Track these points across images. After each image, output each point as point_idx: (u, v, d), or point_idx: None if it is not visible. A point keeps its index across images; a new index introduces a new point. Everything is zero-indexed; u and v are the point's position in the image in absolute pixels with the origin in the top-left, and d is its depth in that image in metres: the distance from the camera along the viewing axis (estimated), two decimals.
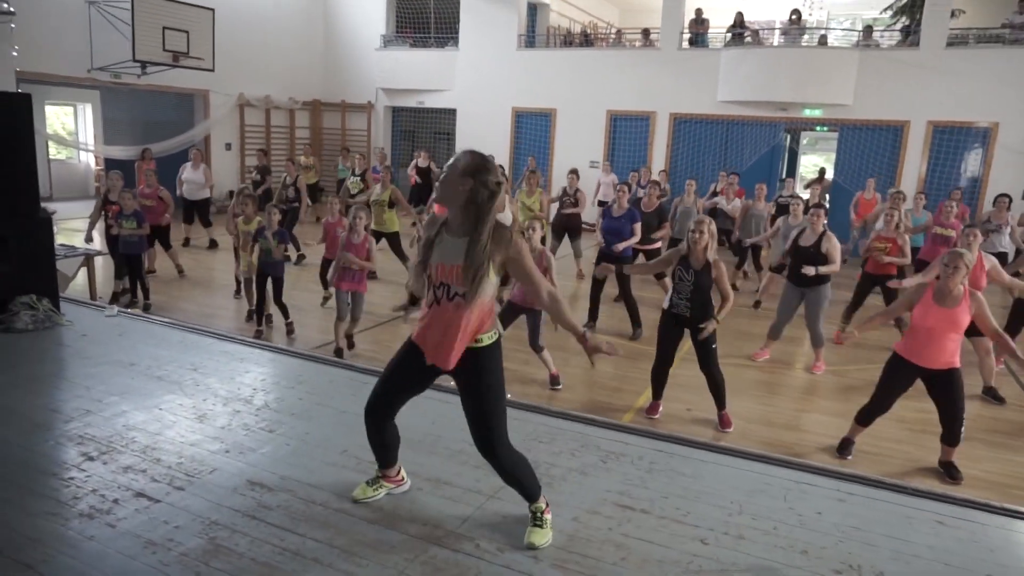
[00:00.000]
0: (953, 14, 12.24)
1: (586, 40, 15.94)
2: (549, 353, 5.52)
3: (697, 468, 3.38)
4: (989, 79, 11.50)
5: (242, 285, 7.08)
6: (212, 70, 12.79)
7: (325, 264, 7.42)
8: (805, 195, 11.68)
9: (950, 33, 12.04)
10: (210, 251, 10.42)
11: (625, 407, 5.25)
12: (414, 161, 13.58)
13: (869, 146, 12.55)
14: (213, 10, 12.44)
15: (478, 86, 15.20)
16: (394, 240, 8.53)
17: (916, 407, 4.93)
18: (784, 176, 14.82)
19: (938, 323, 4.10)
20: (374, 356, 5.91)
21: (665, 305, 4.93)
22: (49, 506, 2.84)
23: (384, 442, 2.89)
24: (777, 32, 14.95)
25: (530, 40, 15.32)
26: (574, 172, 9.48)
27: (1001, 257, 7.63)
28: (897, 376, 4.33)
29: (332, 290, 7.39)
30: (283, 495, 3.00)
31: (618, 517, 2.93)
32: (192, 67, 12.37)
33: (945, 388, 4.19)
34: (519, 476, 2.71)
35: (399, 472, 3.06)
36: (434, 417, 3.80)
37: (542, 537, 2.72)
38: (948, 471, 4.34)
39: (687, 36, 13.86)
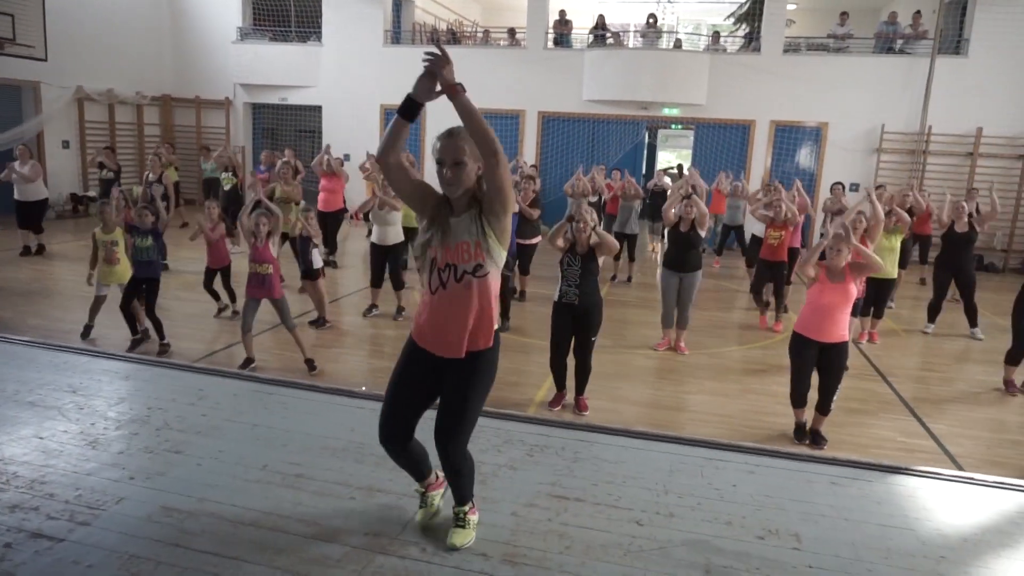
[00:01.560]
0: (788, 23, 13.47)
1: (453, 38, 15.96)
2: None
3: (618, 454, 3.53)
4: (819, 83, 12.79)
5: (93, 298, 6.26)
6: (44, 59, 11.57)
7: (209, 274, 6.96)
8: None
9: (785, 41, 13.25)
10: (45, 259, 9.38)
11: (527, 401, 5.36)
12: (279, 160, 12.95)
13: (721, 143, 13.54)
14: None
15: (344, 82, 14.79)
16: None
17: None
18: (657, 170, 15.74)
19: (832, 298, 4.54)
20: (265, 365, 5.64)
21: (555, 297, 5.09)
22: None
23: (413, 460, 2.75)
24: (632, 34, 15.75)
25: (396, 36, 15.11)
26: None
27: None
28: (803, 354, 4.68)
29: (230, 302, 7.01)
30: (205, 519, 2.80)
31: (555, 508, 3.01)
32: (19, 55, 11.10)
33: (835, 361, 4.61)
34: (465, 474, 2.67)
35: (435, 474, 2.90)
36: (352, 424, 3.70)
37: (464, 537, 2.70)
38: (815, 438, 4.78)
39: (552, 36, 14.26)
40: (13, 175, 9.04)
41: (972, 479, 3.46)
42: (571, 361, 5.15)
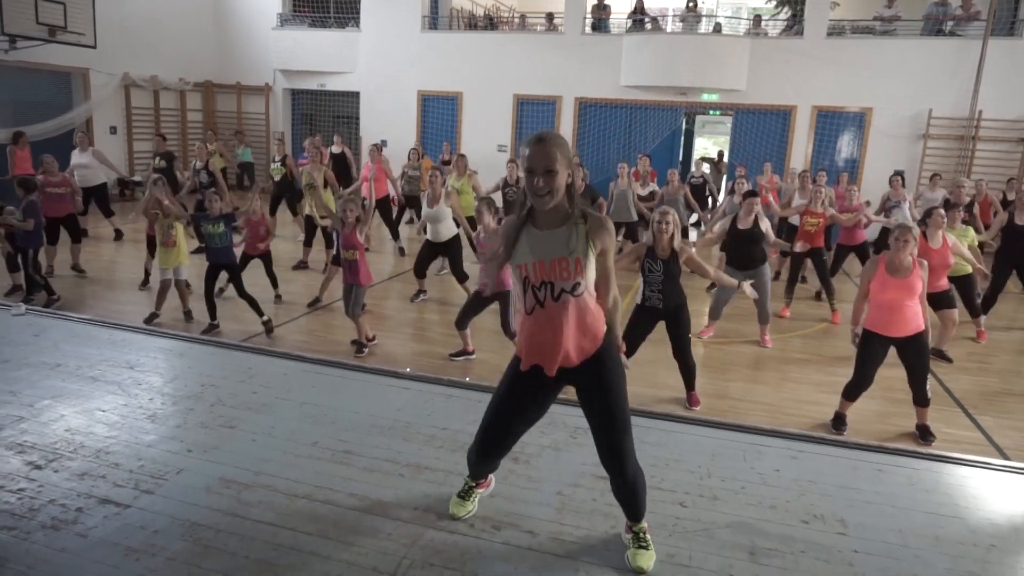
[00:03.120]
0: (832, 5, 13.16)
1: (490, 23, 15.94)
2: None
3: (661, 438, 3.55)
4: (864, 67, 12.49)
5: (159, 283, 6.48)
6: (94, 47, 11.85)
7: (244, 259, 7.10)
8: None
9: (829, 24, 12.95)
10: (117, 243, 9.70)
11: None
12: (328, 148, 13.09)
13: (761, 129, 13.33)
14: None
15: (382, 68, 14.89)
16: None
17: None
18: (695, 159, 15.49)
19: (897, 294, 4.43)
20: (307, 345, 5.77)
21: (638, 300, 5.03)
22: (3, 520, 2.62)
23: (492, 467, 2.79)
24: (670, 18, 15.52)
25: (433, 22, 15.14)
26: (514, 161, 9.50)
27: None
28: (871, 350, 4.58)
29: (272, 287, 7.15)
30: (261, 491, 2.91)
31: (599, 488, 3.04)
32: (71, 43, 11.41)
33: (916, 352, 4.51)
34: (640, 488, 2.51)
35: (489, 477, 2.89)
36: (399, 404, 3.78)
37: (649, 559, 2.52)
38: (923, 434, 4.65)
39: (590, 21, 14.15)
40: (74, 174, 9.24)
41: (1023, 469, 3.41)
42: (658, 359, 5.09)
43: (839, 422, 4.79)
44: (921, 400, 4.62)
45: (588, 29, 14.11)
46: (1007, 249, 7.29)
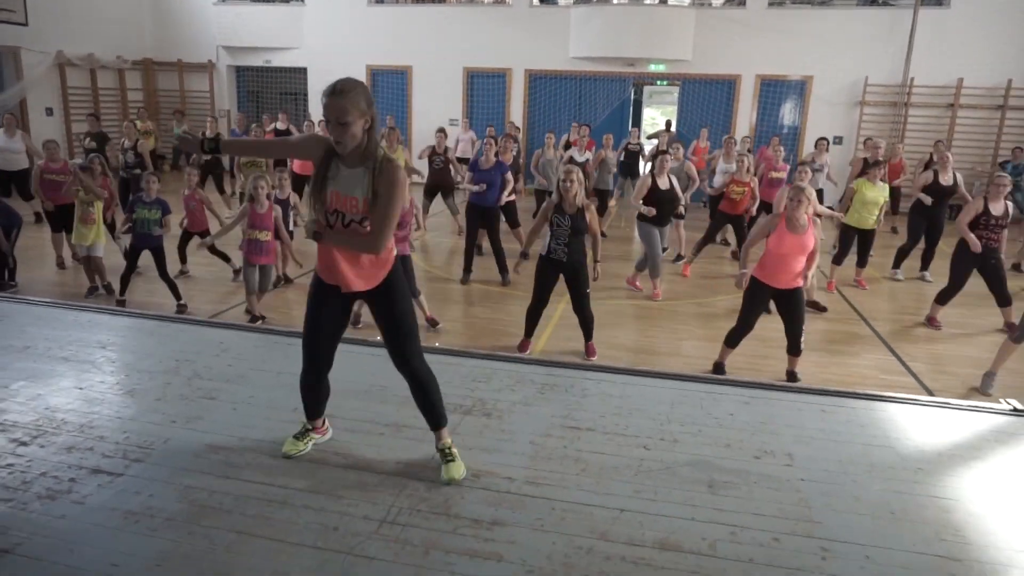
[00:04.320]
0: None
1: None
2: (424, 298, 5.88)
3: (623, 390, 3.79)
4: (804, 37, 12.89)
5: (79, 261, 6.48)
6: (25, 24, 11.42)
7: (185, 237, 7.06)
8: (648, 144, 12.76)
9: None
10: (37, 225, 9.41)
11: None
12: (272, 124, 12.92)
13: (707, 98, 13.67)
14: None
15: (329, 43, 14.66)
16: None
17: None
18: (631, 127, 15.81)
19: (791, 248, 4.76)
20: (271, 322, 5.85)
21: (543, 251, 5.27)
22: None
23: (319, 396, 3.05)
24: None
25: None
26: (441, 131, 9.59)
27: (819, 194, 8.79)
28: (756, 298, 4.95)
29: (184, 266, 7.14)
30: (248, 454, 3.04)
31: (568, 437, 3.28)
32: (0, 20, 10.95)
33: (793, 305, 4.87)
34: (430, 390, 2.92)
35: (324, 422, 3.18)
36: (373, 369, 3.92)
37: (459, 469, 2.88)
38: (792, 379, 5.05)
39: None
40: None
41: (947, 403, 3.77)
42: (563, 314, 5.40)
43: (719, 369, 5.12)
44: (795, 350, 4.98)
45: (536, 1, 14.16)
46: (926, 207, 7.74)
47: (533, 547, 2.49)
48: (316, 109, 14.69)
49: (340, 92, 2.48)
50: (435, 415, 2.96)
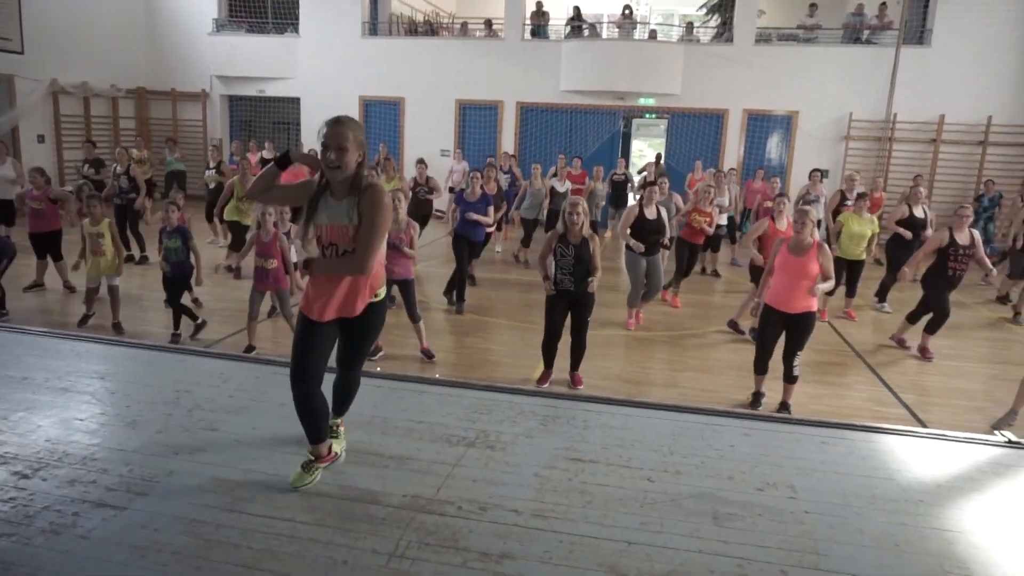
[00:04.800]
0: (759, 14, 13.87)
1: (431, 29, 16.08)
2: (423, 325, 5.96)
3: (624, 421, 3.82)
4: (790, 73, 13.23)
5: (85, 292, 6.41)
6: (20, 52, 11.48)
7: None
8: (636, 177, 13.03)
9: (757, 31, 13.64)
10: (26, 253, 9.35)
11: (521, 379, 5.63)
12: (259, 153, 12.98)
13: (696, 132, 13.93)
14: None
15: (323, 74, 14.85)
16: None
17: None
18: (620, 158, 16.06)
19: (796, 270, 4.87)
20: (264, 351, 5.83)
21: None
22: (1, 528, 2.67)
23: (316, 413, 3.06)
24: (606, 25, 16.02)
25: (373, 28, 15.19)
26: (422, 162, 9.79)
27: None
28: (770, 324, 5.05)
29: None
30: (254, 487, 3.03)
31: (573, 469, 3.29)
32: None
33: (802, 329, 4.96)
34: (352, 391, 3.28)
35: (330, 448, 3.17)
36: (374, 400, 3.93)
37: (302, 479, 3.01)
38: (784, 409, 5.09)
39: (529, 27, 14.47)
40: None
41: (944, 435, 3.82)
42: (563, 342, 5.45)
43: (757, 399, 5.21)
44: (791, 378, 5.07)
45: (528, 35, 14.43)
46: (904, 240, 7.88)
47: None
48: (308, 139, 14.82)
49: (342, 122, 2.73)
50: (341, 408, 3.30)
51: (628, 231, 6.82)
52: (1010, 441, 3.73)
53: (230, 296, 7.57)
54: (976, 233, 6.37)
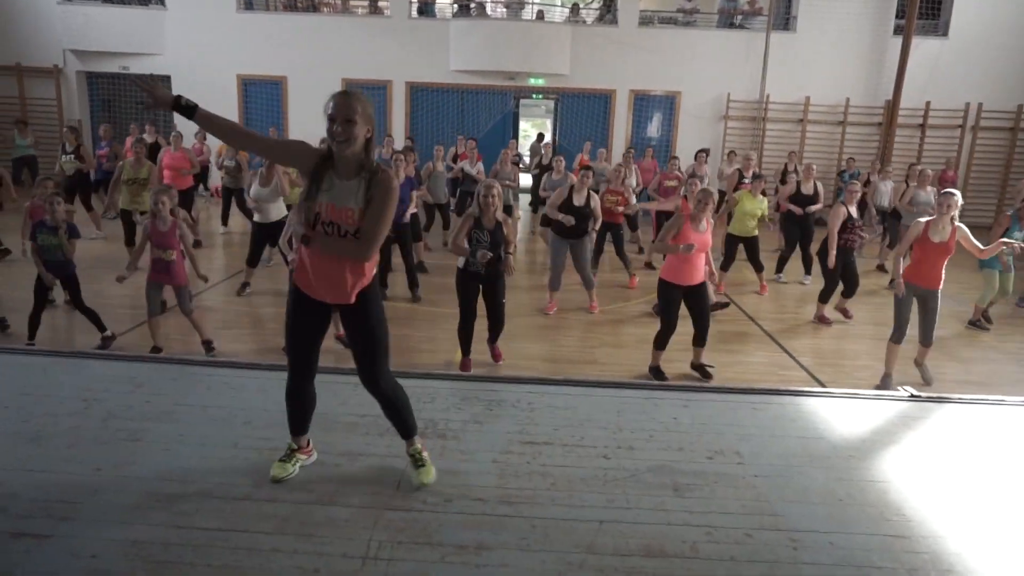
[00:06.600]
0: None
1: (312, 5, 15.32)
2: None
3: (568, 401, 3.85)
4: (672, 55, 13.72)
5: None
6: None
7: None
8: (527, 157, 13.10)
9: (640, 14, 14.02)
10: None
11: (445, 363, 5.55)
12: (138, 135, 11.88)
13: (585, 112, 14.18)
14: None
15: (196, 51, 13.79)
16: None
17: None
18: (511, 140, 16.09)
19: (697, 245, 5.09)
20: (166, 349, 5.40)
21: (460, 265, 5.28)
22: None
23: (305, 406, 2.96)
24: (490, 4, 15.89)
25: (249, 2, 14.28)
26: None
27: None
28: (671, 298, 5.26)
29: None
30: (196, 499, 2.79)
31: (529, 452, 3.28)
32: None
33: (700, 299, 5.24)
34: (400, 406, 2.93)
35: (310, 443, 3.10)
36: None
37: (429, 474, 2.94)
38: (702, 371, 5.45)
39: (416, 6, 14.13)
40: None
41: (856, 394, 4.14)
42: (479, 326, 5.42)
43: (657, 373, 5.40)
44: (703, 342, 5.38)
45: (415, 13, 14.09)
46: (795, 215, 8.47)
47: (526, 568, 2.46)
48: (181, 120, 13.75)
49: (350, 94, 2.58)
50: (406, 427, 2.98)
51: (556, 211, 6.85)
52: (912, 395, 4.10)
53: (114, 292, 6.88)
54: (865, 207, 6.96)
